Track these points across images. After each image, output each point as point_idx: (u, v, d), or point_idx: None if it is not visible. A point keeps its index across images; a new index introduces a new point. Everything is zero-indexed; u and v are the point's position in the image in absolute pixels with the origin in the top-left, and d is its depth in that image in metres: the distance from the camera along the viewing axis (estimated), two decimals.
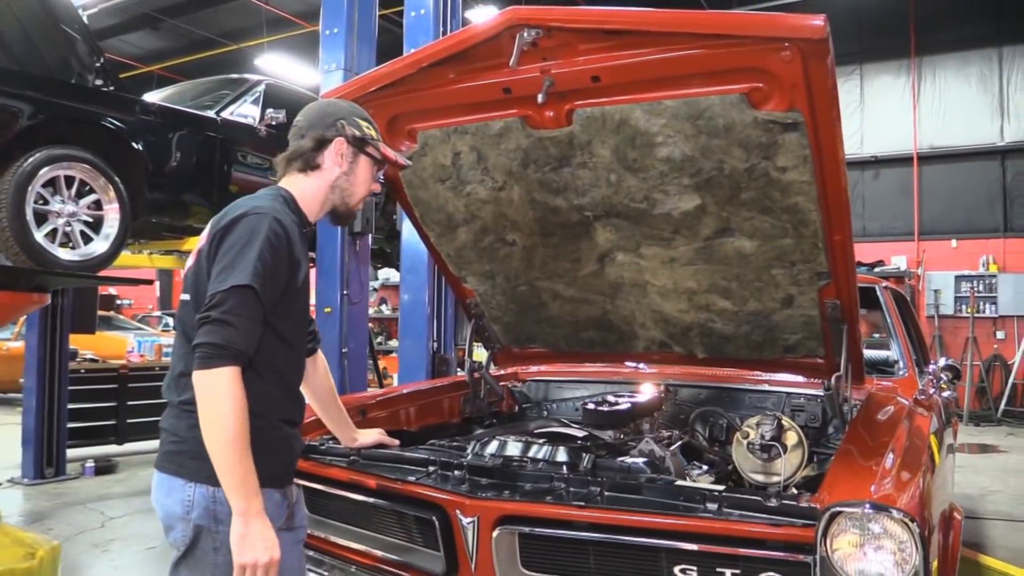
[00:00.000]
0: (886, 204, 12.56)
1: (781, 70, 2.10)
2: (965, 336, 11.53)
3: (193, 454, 1.83)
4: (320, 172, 2.04)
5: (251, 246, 1.81)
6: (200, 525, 1.83)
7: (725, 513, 1.87)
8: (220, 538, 1.82)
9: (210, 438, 1.74)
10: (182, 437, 1.87)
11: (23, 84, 4.37)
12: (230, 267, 1.79)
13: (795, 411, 3.02)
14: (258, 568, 1.75)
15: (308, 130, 2.04)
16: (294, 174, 2.06)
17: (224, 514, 1.81)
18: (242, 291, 1.77)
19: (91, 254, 4.53)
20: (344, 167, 2.05)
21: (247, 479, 1.74)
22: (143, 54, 16.20)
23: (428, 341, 4.97)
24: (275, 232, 1.85)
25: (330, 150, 2.03)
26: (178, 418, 1.89)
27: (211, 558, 1.83)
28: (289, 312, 1.94)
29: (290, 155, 2.05)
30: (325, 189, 2.06)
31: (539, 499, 2.04)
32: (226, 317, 1.75)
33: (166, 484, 1.88)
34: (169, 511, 1.87)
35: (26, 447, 6.79)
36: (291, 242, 1.90)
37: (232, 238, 1.84)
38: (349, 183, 2.08)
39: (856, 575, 1.69)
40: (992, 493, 6.72)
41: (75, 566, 4.71)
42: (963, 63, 12.09)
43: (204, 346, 1.74)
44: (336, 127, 2.03)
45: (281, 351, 1.93)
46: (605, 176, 2.60)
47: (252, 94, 5.86)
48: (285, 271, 1.88)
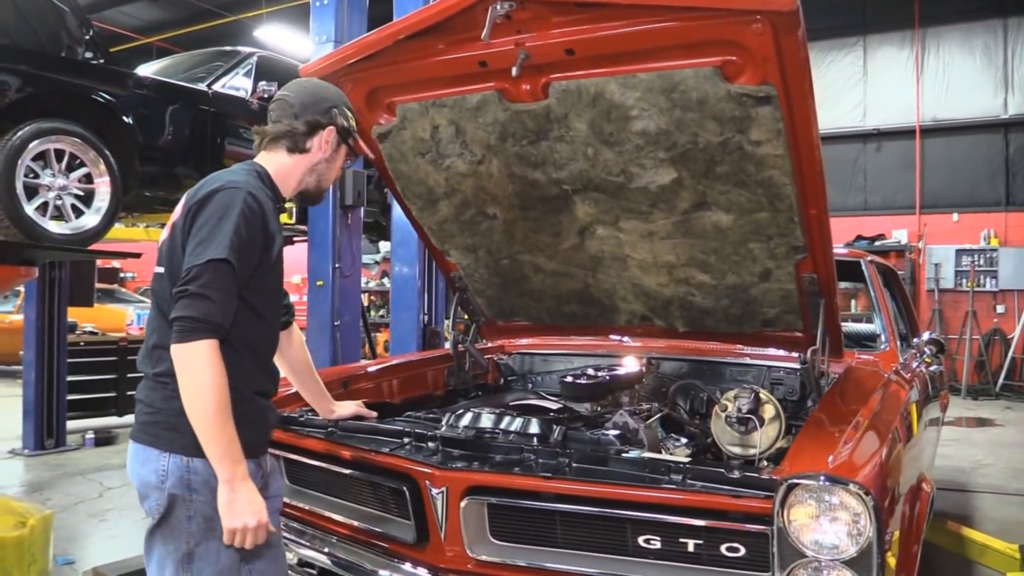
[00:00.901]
0: (888, 177, 12.47)
1: (753, 43, 2.09)
2: (965, 310, 11.51)
3: (168, 425, 1.88)
4: (305, 155, 2.09)
5: (226, 220, 1.83)
6: (174, 494, 1.87)
7: (688, 485, 1.89)
8: (194, 507, 1.87)
9: (192, 410, 1.78)
10: (157, 408, 1.91)
11: (12, 57, 4.36)
12: (206, 241, 1.81)
13: (774, 384, 3.05)
14: (247, 531, 1.80)
15: (302, 113, 2.07)
16: (279, 151, 2.09)
17: (198, 483, 1.86)
18: (218, 265, 1.79)
19: (82, 227, 4.55)
20: (327, 153, 2.12)
21: (231, 447, 1.79)
22: (142, 25, 16.08)
23: (419, 314, 5.00)
24: (250, 206, 1.87)
25: (320, 136, 2.09)
26: (152, 390, 1.92)
27: (185, 526, 1.88)
28: (263, 286, 1.97)
29: (280, 133, 2.08)
30: (304, 170, 2.11)
31: (507, 470, 2.07)
32: (203, 291, 1.77)
33: (141, 454, 1.92)
34: (144, 480, 1.91)
35: (26, 419, 6.88)
36: (265, 216, 1.93)
37: (207, 212, 1.86)
38: (326, 168, 2.14)
39: (812, 546, 1.71)
40: (985, 466, 6.76)
41: (73, 535, 4.79)
42: (967, 35, 11.93)
43: (182, 320, 1.77)
44: (331, 115, 2.09)
45: (255, 324, 1.96)
46: (582, 150, 2.60)
47: (244, 66, 5.84)
48: (259, 245, 1.91)
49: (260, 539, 1.84)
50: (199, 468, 1.86)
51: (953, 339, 11.68)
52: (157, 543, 1.91)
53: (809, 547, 1.72)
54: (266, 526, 1.84)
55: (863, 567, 1.69)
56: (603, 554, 2.02)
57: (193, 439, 1.84)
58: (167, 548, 1.89)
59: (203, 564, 1.89)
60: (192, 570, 1.88)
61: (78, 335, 7.66)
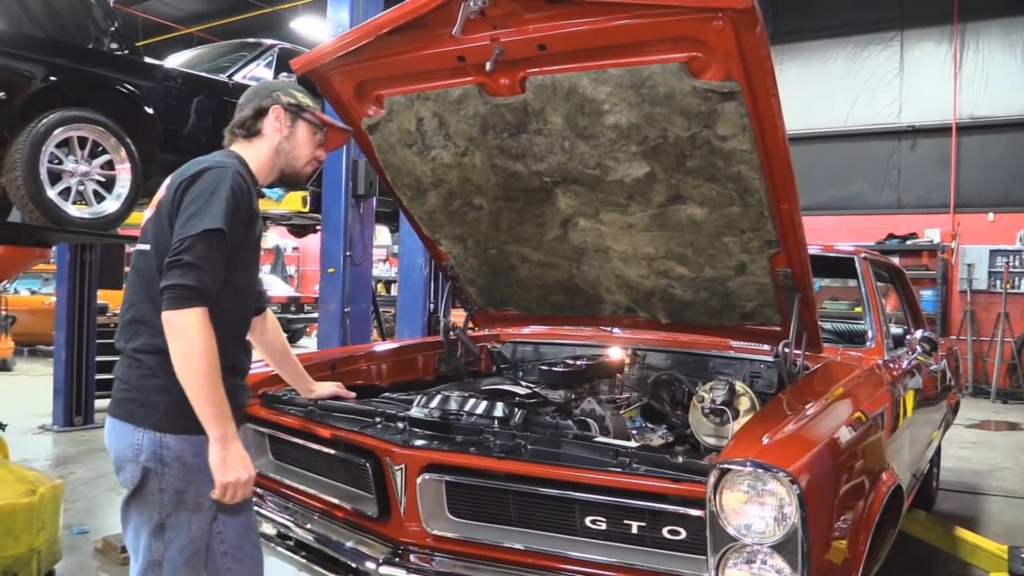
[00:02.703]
0: (922, 175, 12.24)
1: (714, 39, 2.13)
2: (997, 312, 11.28)
3: (142, 402, 1.99)
4: (262, 138, 2.21)
5: (217, 194, 1.94)
6: (148, 467, 1.98)
7: (633, 468, 1.95)
8: (166, 480, 1.98)
9: (185, 374, 1.88)
10: (133, 386, 2.01)
11: (42, 49, 4.55)
12: (199, 213, 1.92)
13: (753, 377, 3.08)
14: (239, 485, 1.94)
15: (247, 103, 2.22)
16: (239, 141, 2.22)
17: (170, 458, 1.98)
18: (212, 235, 1.90)
19: (102, 212, 4.73)
20: (284, 132, 2.22)
21: (221, 408, 1.91)
22: (183, 16, 16.45)
23: (425, 301, 5.10)
24: (238, 184, 2.00)
25: (269, 118, 2.20)
26: (129, 367, 2.03)
27: (157, 498, 1.99)
28: (244, 263, 2.08)
29: (233, 124, 2.22)
30: (270, 153, 2.22)
31: (464, 449, 2.15)
32: (197, 260, 1.88)
33: (117, 428, 2.03)
34: (120, 453, 2.02)
35: (56, 397, 7.17)
36: (251, 195, 2.06)
37: (197, 188, 1.96)
38: (291, 146, 2.24)
39: (741, 530, 1.77)
40: (1001, 470, 6.67)
41: (91, 507, 5.02)
42: (1008, 30, 11.64)
43: (176, 288, 1.87)
44: (272, 97, 2.21)
45: (233, 299, 2.06)
46: (559, 143, 2.66)
47: (265, 58, 5.99)
48: (244, 222, 2.02)
49: (248, 493, 1.98)
50: (171, 444, 1.97)
51: (984, 342, 11.47)
52: (132, 514, 2.03)
53: (739, 531, 1.77)
54: (253, 480, 1.98)
55: (790, 551, 1.73)
56: (554, 533, 2.09)
57: (166, 417, 1.97)
58: (141, 518, 2.01)
59: (174, 533, 2.01)
60: (164, 539, 2.00)
61: (108, 317, 7.91)
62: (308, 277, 19.93)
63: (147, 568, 2.01)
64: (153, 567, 2.00)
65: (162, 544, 2.00)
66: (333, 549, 2.36)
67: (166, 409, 1.97)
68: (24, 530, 3.33)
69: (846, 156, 12.68)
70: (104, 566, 3.96)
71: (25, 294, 12.92)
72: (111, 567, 3.93)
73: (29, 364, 11.97)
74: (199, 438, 1.99)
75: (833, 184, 12.67)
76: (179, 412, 1.96)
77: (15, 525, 3.29)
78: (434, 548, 2.19)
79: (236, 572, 2.19)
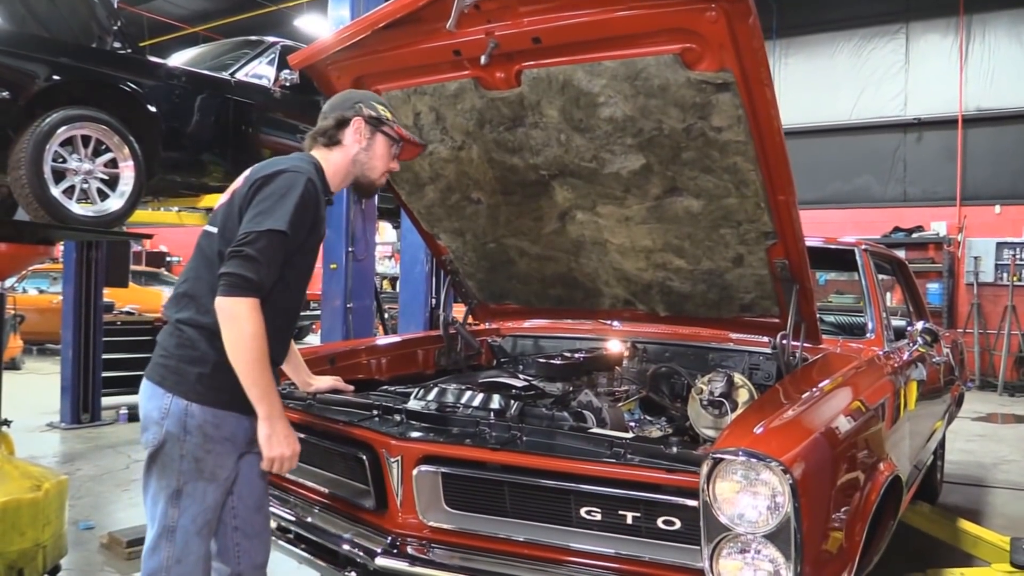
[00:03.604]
0: (928, 168, 12.19)
1: (708, 31, 2.14)
2: (1004, 305, 11.23)
3: (175, 370, 2.09)
4: (342, 147, 2.30)
5: (288, 198, 2.04)
6: (170, 432, 2.07)
7: (627, 459, 1.96)
8: (186, 447, 2.07)
9: (236, 357, 1.98)
10: (169, 353, 2.12)
11: (46, 48, 4.57)
12: (267, 212, 2.02)
13: (752, 369, 3.08)
14: (284, 459, 2.07)
15: (330, 112, 2.31)
16: (319, 148, 2.30)
17: (192, 427, 2.07)
18: (275, 235, 2.00)
19: (106, 210, 4.75)
20: (363, 143, 2.31)
21: (268, 389, 2.03)
22: (188, 15, 16.51)
23: (427, 297, 5.12)
24: (309, 191, 2.09)
25: (350, 128, 2.29)
26: (171, 335, 2.13)
27: (177, 464, 2.08)
28: (300, 264, 2.17)
29: (316, 132, 2.30)
30: (347, 163, 2.31)
31: (460, 441, 2.16)
32: (257, 255, 1.98)
33: (149, 390, 2.13)
34: (148, 414, 2.12)
35: (64, 394, 7.22)
36: (319, 202, 2.15)
37: (271, 187, 2.07)
38: (368, 157, 2.33)
39: (735, 519, 1.77)
40: (1007, 462, 6.64)
41: (98, 503, 5.05)
42: (1015, 21, 11.57)
43: (233, 276, 1.97)
44: (355, 108, 2.30)
45: (283, 295, 2.14)
46: (555, 136, 2.66)
47: (267, 55, 5.99)
48: (308, 227, 2.11)
49: (293, 466, 2.11)
50: (196, 413, 2.07)
51: (992, 334, 11.42)
52: (153, 478, 2.12)
53: (732, 521, 1.77)
54: (298, 455, 2.11)
55: (782, 541, 1.74)
56: (550, 524, 2.10)
57: (195, 387, 2.07)
58: (160, 484, 2.10)
59: (190, 502, 2.09)
60: (180, 506, 2.09)
61: (115, 315, 7.96)
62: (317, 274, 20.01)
63: (161, 534, 2.09)
64: (167, 533, 2.09)
65: (177, 511, 2.09)
66: (332, 541, 2.38)
67: (196, 380, 2.07)
68: (29, 525, 3.35)
69: (852, 149, 12.63)
70: (109, 561, 3.99)
71: (33, 293, 13.00)
72: (117, 562, 3.96)
73: (38, 363, 12.04)
74: (224, 413, 2.09)
75: (839, 178, 12.63)
76: (208, 385, 2.07)
77: (20, 520, 3.31)
78: (431, 539, 2.20)
79: (245, 548, 2.27)
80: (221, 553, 2.27)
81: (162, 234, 15.52)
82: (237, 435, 2.13)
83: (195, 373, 2.06)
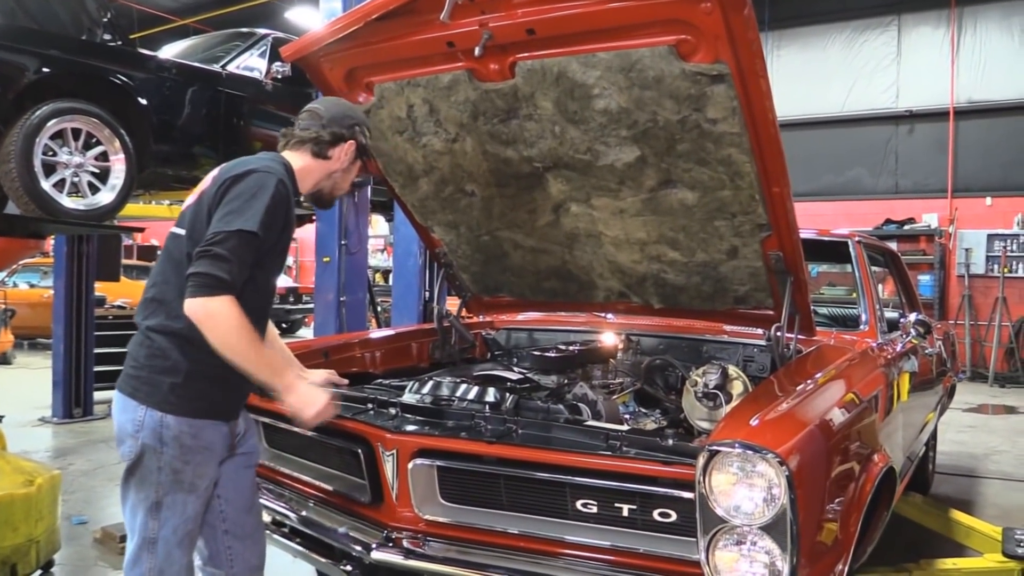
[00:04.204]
0: (920, 160, 12.22)
1: (703, 22, 2.13)
2: (995, 296, 11.28)
3: (147, 380, 2.04)
4: (326, 161, 2.28)
5: (258, 198, 2.00)
6: (146, 444, 2.03)
7: (623, 452, 1.96)
8: (164, 459, 2.03)
9: (228, 353, 1.95)
10: (140, 364, 2.07)
11: (36, 40, 4.53)
12: (237, 212, 1.98)
13: (746, 361, 3.08)
14: (317, 416, 2.09)
15: (330, 124, 2.27)
16: (304, 153, 2.27)
17: (168, 438, 2.02)
18: (245, 235, 1.96)
19: (97, 204, 4.72)
20: (344, 164, 2.31)
21: (272, 367, 2.05)
22: (179, 7, 16.38)
23: (420, 290, 5.11)
24: (280, 191, 2.05)
25: (342, 147, 2.28)
26: (140, 344, 2.08)
27: (155, 476, 2.04)
28: (269, 264, 2.14)
29: (307, 137, 2.26)
30: (322, 175, 2.30)
31: (455, 434, 2.16)
32: (227, 254, 1.93)
33: (121, 403, 2.09)
34: (122, 427, 2.08)
35: (55, 389, 7.19)
36: (289, 203, 2.11)
37: (241, 187, 2.03)
38: (341, 178, 2.35)
39: (731, 511, 1.77)
40: (998, 453, 6.68)
41: (90, 497, 5.04)
42: (1006, 13, 11.59)
43: (202, 275, 1.92)
44: (353, 131, 2.29)
45: (252, 296, 2.08)
46: (550, 128, 2.65)
47: (259, 48, 5.96)
48: (279, 227, 2.08)
49: (328, 414, 2.12)
50: (171, 424, 2.02)
51: (982, 326, 11.47)
52: (131, 490, 2.08)
53: (728, 512, 1.77)
54: (331, 401, 2.12)
55: (779, 532, 1.74)
56: (546, 517, 2.10)
57: (168, 398, 2.02)
58: (138, 496, 2.06)
59: (169, 513, 2.06)
60: (160, 518, 2.05)
61: (106, 309, 7.92)
62: (306, 268, 19.92)
63: (142, 545, 2.06)
64: (148, 544, 2.05)
65: (157, 523, 2.05)
66: (327, 535, 2.37)
67: (169, 390, 2.02)
68: (22, 521, 3.34)
69: (844, 141, 12.65)
70: (103, 556, 3.98)
71: (24, 287, 12.94)
72: (110, 557, 3.95)
73: (29, 357, 11.99)
74: (201, 422, 2.06)
75: (831, 170, 12.65)
76: (181, 394, 2.03)
77: (13, 516, 3.30)
78: (427, 533, 2.19)
79: (237, 550, 2.24)
80: (213, 558, 2.25)
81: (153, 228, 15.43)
82: (215, 443, 2.10)
83: (168, 383, 2.02)
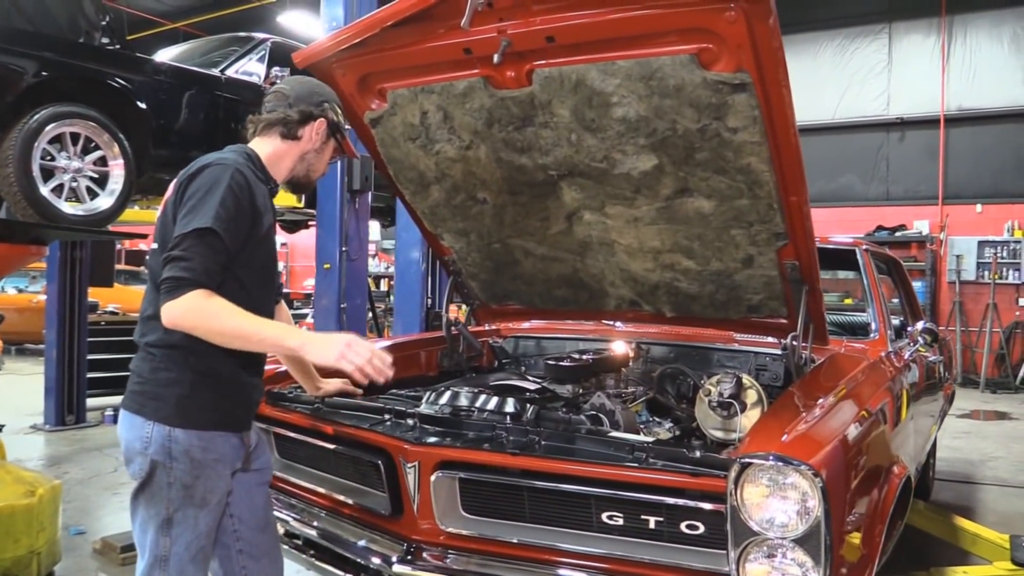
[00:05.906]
0: (911, 167, 12.31)
1: (726, 31, 2.12)
2: (986, 303, 11.37)
3: (153, 395, 1.99)
4: (296, 142, 2.21)
5: (213, 193, 1.93)
6: (156, 460, 1.97)
7: (650, 464, 1.94)
8: (174, 474, 1.97)
9: (223, 338, 1.89)
10: (145, 379, 2.01)
11: (33, 44, 4.48)
12: (193, 212, 1.92)
13: (759, 370, 3.07)
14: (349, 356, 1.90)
15: (297, 103, 2.20)
16: (272, 136, 2.20)
17: (178, 452, 1.96)
18: (203, 233, 1.89)
19: (96, 209, 4.67)
20: (316, 144, 2.24)
21: (275, 332, 1.94)
22: (169, 11, 16.31)
23: (423, 297, 5.08)
24: (237, 182, 1.97)
25: (312, 126, 2.21)
26: (143, 360, 2.03)
27: (165, 492, 1.98)
28: (251, 260, 2.05)
29: (274, 120, 2.19)
30: (295, 158, 2.22)
31: (477, 446, 2.13)
32: (186, 254, 1.87)
33: (128, 420, 2.03)
34: (129, 445, 2.02)
35: (48, 396, 7.11)
36: (252, 192, 2.03)
37: (195, 186, 1.96)
38: (315, 159, 2.27)
39: (763, 524, 1.76)
40: (994, 459, 6.72)
41: (87, 507, 4.97)
42: (996, 22, 11.71)
43: (168, 280, 1.87)
44: (322, 108, 2.22)
45: (241, 297, 1.99)
46: (566, 136, 2.64)
47: (257, 52, 5.93)
48: (247, 219, 2.00)
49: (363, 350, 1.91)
50: (180, 438, 1.96)
51: (973, 332, 11.55)
52: (141, 507, 2.02)
53: (761, 525, 1.76)
54: (358, 339, 1.95)
55: (812, 545, 1.73)
56: (570, 529, 2.08)
57: (175, 411, 1.96)
58: (149, 512, 2.00)
59: (181, 529, 2.00)
60: (171, 535, 1.99)
61: (99, 315, 7.84)
62: (297, 273, 19.83)
63: (153, 564, 2.00)
64: (160, 563, 1.99)
65: (168, 539, 1.99)
66: (344, 547, 2.34)
67: (175, 403, 1.97)
68: (24, 532, 3.28)
69: (835, 148, 12.72)
70: (103, 567, 3.92)
71: (12, 292, 12.79)
72: (111, 568, 3.89)
73: (18, 363, 11.85)
74: (211, 433, 2.00)
75: (822, 176, 12.71)
76: (188, 407, 1.97)
77: (15, 527, 3.25)
78: (448, 546, 2.17)
79: (253, 570, 2.18)
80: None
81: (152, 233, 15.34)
82: (226, 455, 2.04)
83: (175, 395, 1.96)
